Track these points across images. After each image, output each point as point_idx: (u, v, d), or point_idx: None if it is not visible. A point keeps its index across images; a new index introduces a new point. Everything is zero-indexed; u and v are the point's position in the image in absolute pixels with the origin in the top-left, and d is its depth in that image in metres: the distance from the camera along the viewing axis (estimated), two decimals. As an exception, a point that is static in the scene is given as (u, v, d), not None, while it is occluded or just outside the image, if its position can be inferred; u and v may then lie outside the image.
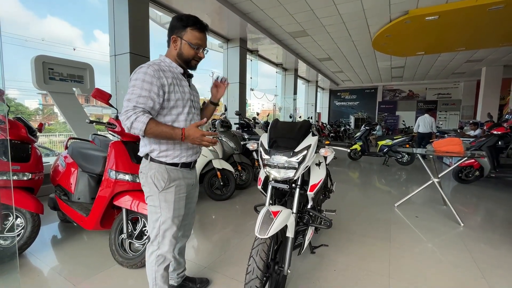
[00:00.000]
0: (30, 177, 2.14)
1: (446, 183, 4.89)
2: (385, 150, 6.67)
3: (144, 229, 1.94)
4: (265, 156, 1.44)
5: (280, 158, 1.40)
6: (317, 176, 1.60)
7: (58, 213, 2.63)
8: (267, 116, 6.59)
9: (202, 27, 1.27)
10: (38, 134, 2.46)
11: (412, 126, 12.89)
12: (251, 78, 9.70)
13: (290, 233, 1.40)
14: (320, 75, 13.82)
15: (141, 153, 1.31)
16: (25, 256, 2.04)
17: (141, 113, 1.13)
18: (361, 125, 7.42)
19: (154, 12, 7.68)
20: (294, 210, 1.48)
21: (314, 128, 8.60)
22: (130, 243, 1.94)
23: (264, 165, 1.45)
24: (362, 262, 2.05)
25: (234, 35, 8.00)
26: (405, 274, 1.92)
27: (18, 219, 2.05)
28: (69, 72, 4.31)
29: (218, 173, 3.43)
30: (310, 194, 1.54)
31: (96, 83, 4.70)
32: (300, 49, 9.60)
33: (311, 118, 9.01)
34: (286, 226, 1.38)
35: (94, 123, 2.17)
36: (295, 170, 1.40)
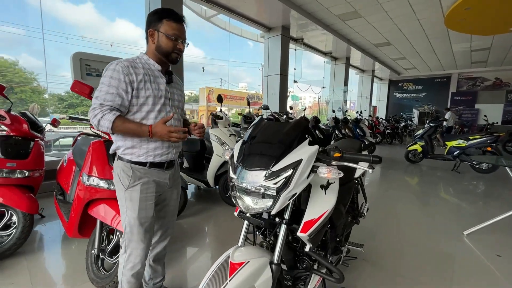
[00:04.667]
0: (27, 174, 2.07)
1: (549, 203, 3.55)
2: (455, 153, 5.34)
3: (119, 244, 1.66)
4: (232, 175, 0.96)
5: (251, 178, 0.90)
6: (318, 208, 1.03)
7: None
8: (304, 110, 5.85)
9: (178, 18, 1.22)
10: (48, 129, 2.42)
11: (497, 123, 10.45)
12: (294, 69, 9.04)
13: (263, 297, 0.90)
14: (377, 64, 12.18)
15: (111, 150, 1.28)
16: (15, 257, 1.97)
17: (108, 110, 1.11)
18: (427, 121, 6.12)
19: (199, 6, 7.66)
20: (275, 258, 0.96)
21: (365, 123, 7.45)
22: (103, 259, 1.69)
23: (232, 188, 0.97)
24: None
25: (276, 23, 7.42)
26: None
27: (14, 217, 2.00)
28: (104, 67, 4.43)
29: (235, 175, 3.03)
30: (303, 236, 1.00)
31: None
32: (352, 34, 8.46)
33: (361, 112, 7.88)
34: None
35: None
36: (272, 200, 0.89)
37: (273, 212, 0.90)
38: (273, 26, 7.62)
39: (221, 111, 3.16)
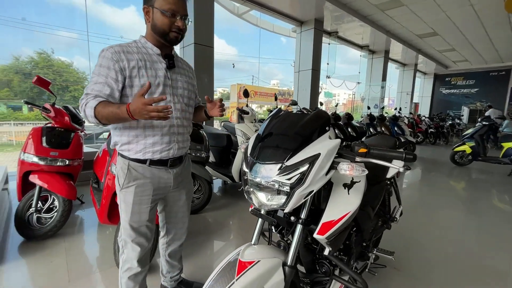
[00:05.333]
0: (67, 163, 2.25)
1: None
2: (514, 155, 4.67)
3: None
4: (245, 168, 0.90)
5: (265, 173, 0.84)
6: (340, 209, 0.93)
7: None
8: (335, 106, 5.54)
9: None
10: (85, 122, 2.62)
11: None
12: (327, 64, 8.68)
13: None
14: (421, 57, 11.20)
15: (111, 146, 1.19)
16: (55, 237, 2.16)
17: (91, 98, 1.00)
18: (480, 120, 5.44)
19: (232, 3, 7.73)
20: (289, 260, 0.89)
21: (404, 121, 6.84)
22: (128, 246, 1.76)
23: (245, 182, 0.92)
24: None
25: (309, 16, 7.18)
26: None
27: (56, 202, 2.19)
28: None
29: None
30: (320, 238, 0.91)
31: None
32: (392, 25, 7.87)
33: (399, 109, 7.25)
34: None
35: (29, 105, 2.31)
36: (286, 197, 0.82)
37: (286, 210, 0.83)
38: (306, 20, 7.39)
39: (247, 106, 3.13)
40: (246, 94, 3.00)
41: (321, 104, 5.09)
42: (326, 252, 1.00)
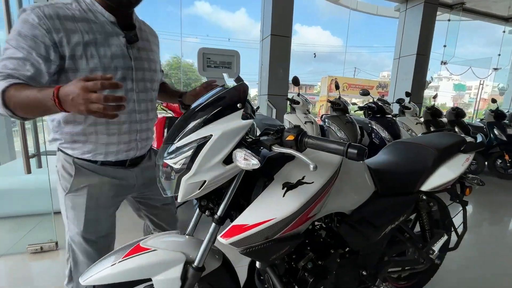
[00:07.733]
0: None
1: None
2: None
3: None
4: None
5: (161, 156, 0.73)
6: (262, 212, 0.68)
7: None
8: (433, 98, 4.12)
9: None
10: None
11: None
12: (444, 46, 6.85)
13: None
14: None
15: (48, 142, 0.91)
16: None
17: (1, 77, 0.66)
18: None
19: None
20: (196, 261, 0.74)
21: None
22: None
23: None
24: None
25: (418, -13, 5.82)
26: None
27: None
28: (221, 59, 5.09)
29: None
30: (222, 241, 0.69)
31: (241, 68, 5.27)
32: None
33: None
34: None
35: None
36: (175, 185, 0.68)
37: (178, 200, 0.70)
38: (414, -7, 6.04)
39: (299, 95, 2.89)
40: (295, 82, 2.76)
41: (408, 95, 3.89)
42: (257, 265, 0.80)
